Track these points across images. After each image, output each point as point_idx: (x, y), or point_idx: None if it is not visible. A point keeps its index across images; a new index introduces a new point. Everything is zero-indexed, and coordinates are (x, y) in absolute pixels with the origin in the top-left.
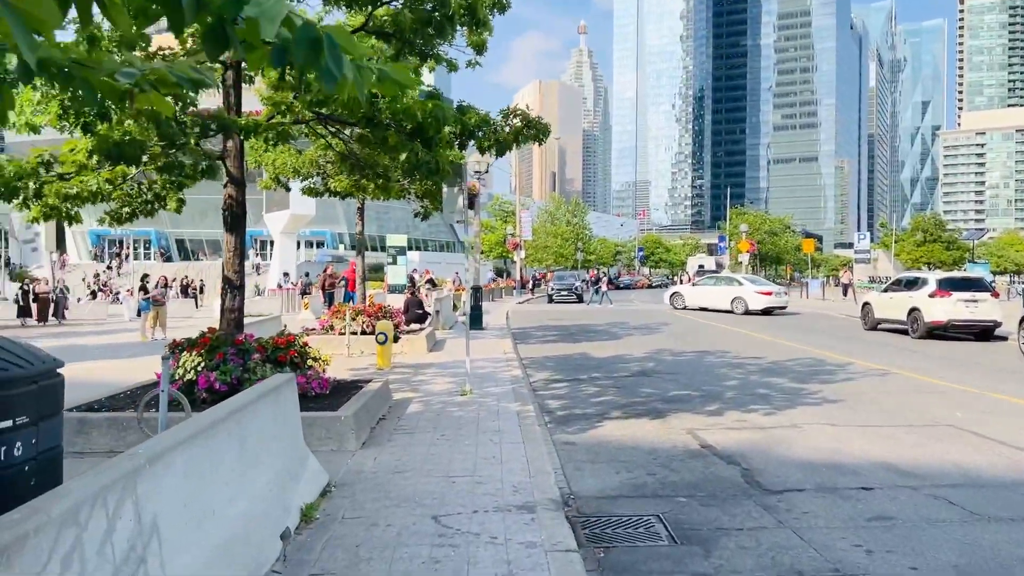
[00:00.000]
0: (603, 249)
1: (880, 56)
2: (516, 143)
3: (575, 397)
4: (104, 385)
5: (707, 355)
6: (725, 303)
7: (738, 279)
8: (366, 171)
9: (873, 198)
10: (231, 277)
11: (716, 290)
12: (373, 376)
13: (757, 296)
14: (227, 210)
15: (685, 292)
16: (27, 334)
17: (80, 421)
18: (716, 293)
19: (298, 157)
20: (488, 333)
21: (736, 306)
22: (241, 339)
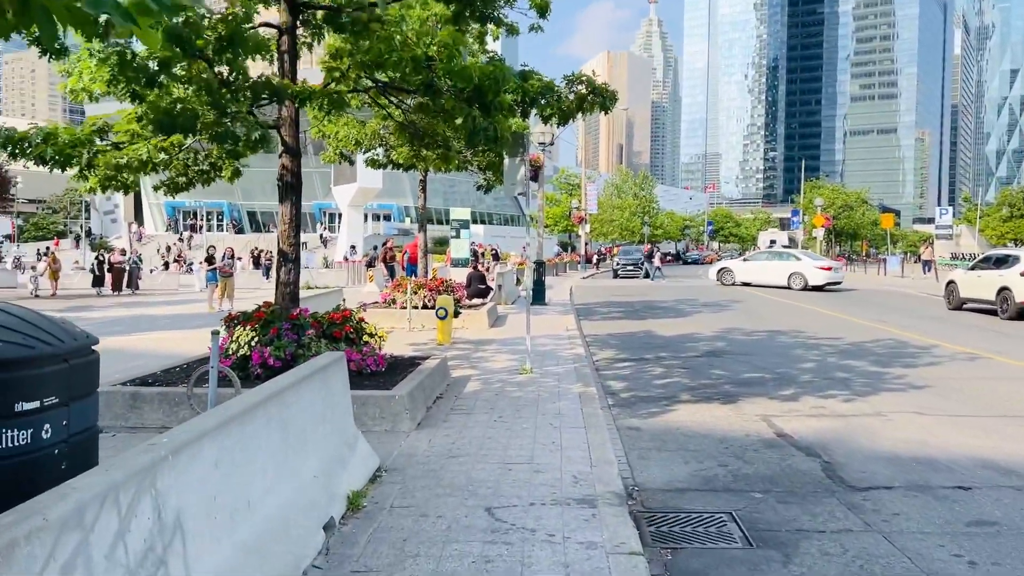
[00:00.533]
0: (671, 223)
1: (966, 22)
2: (581, 111)
3: (640, 378)
4: (166, 356)
5: (780, 335)
6: (781, 279)
7: (795, 254)
8: (425, 141)
9: (955, 171)
10: (286, 250)
11: (771, 265)
12: (432, 352)
13: (817, 271)
14: (281, 180)
15: (735, 267)
16: (101, 303)
17: (132, 396)
18: (771, 268)
19: (360, 129)
20: (550, 309)
21: (794, 282)
22: (296, 314)
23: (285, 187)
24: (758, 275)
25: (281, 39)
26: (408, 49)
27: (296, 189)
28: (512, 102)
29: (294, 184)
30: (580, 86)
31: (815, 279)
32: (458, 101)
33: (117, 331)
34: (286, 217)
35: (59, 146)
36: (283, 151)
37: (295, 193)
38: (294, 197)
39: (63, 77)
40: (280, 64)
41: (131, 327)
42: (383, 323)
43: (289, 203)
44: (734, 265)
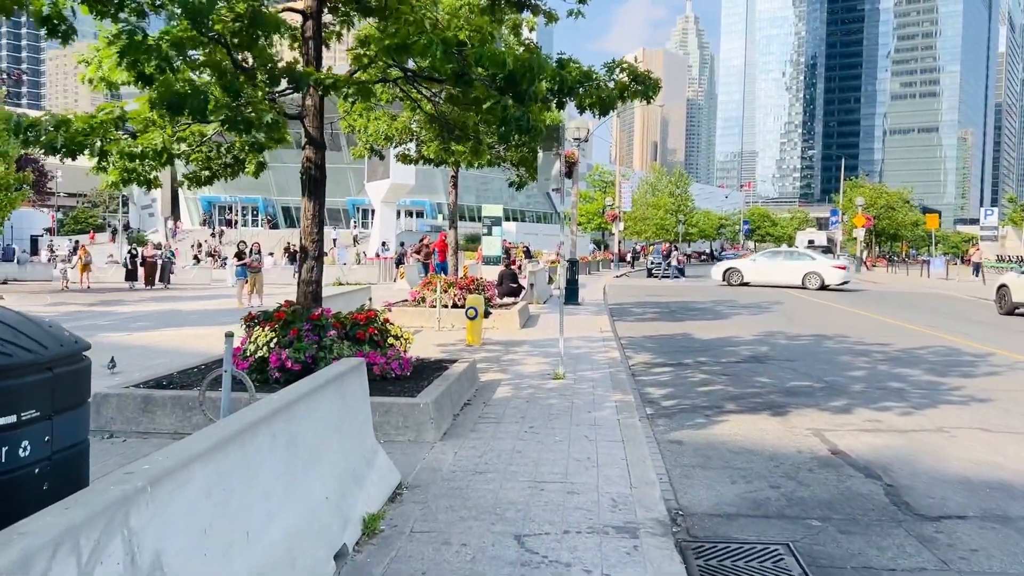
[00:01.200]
0: (706, 222)
1: (1011, 19)
2: (622, 100)
3: (680, 385)
4: (189, 354)
5: (825, 339)
6: (795, 278)
7: (808, 253)
8: (456, 133)
9: (998, 172)
10: (308, 246)
11: (784, 265)
12: (460, 354)
13: (834, 271)
14: (305, 173)
15: (744, 267)
16: (132, 297)
17: (145, 399)
18: (784, 268)
19: (391, 124)
20: (584, 309)
21: (809, 281)
22: (317, 314)
23: (309, 180)
24: (769, 275)
25: (305, 24)
26: (438, 32)
27: (320, 183)
28: (548, 91)
29: (318, 178)
30: (621, 74)
31: (832, 278)
32: (490, 89)
33: (145, 326)
34: (309, 212)
35: (71, 134)
36: (307, 143)
37: (319, 187)
38: (318, 191)
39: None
40: (304, 50)
41: (159, 322)
42: (412, 322)
43: (313, 197)
44: (742, 265)
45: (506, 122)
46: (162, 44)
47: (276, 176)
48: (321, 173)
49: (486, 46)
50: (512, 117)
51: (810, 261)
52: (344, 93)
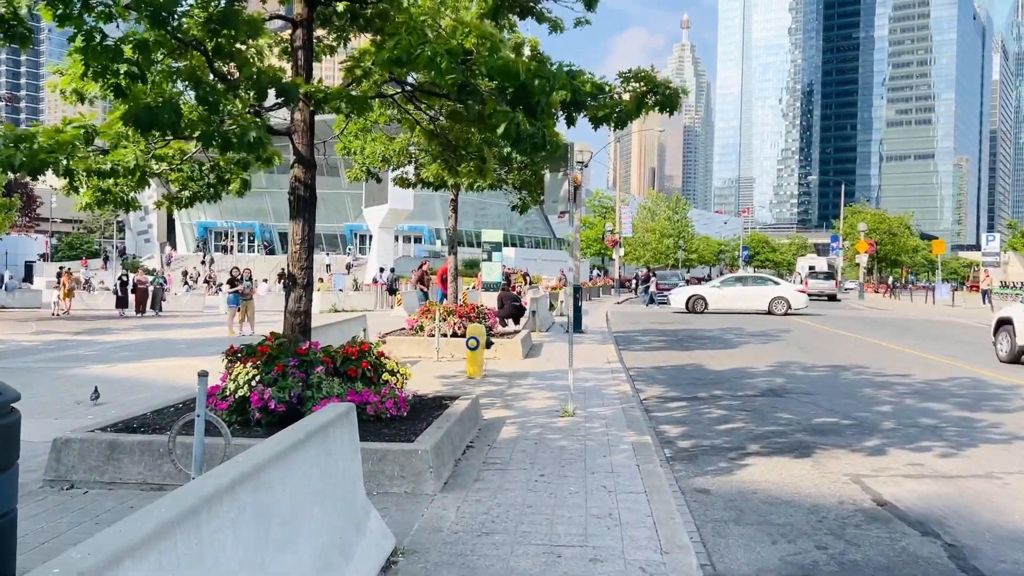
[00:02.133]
0: (705, 247)
1: (1005, 47)
2: (641, 112)
3: (697, 422)
4: (171, 388)
5: (842, 370)
6: (762, 304)
7: (772, 279)
8: (458, 152)
9: (994, 198)
10: (296, 273)
11: (750, 291)
12: (461, 387)
13: (798, 295)
14: (293, 194)
15: (709, 294)
16: (121, 325)
17: (111, 445)
18: (749, 294)
19: (388, 145)
20: (588, 337)
21: (776, 307)
22: (305, 348)
23: (298, 202)
24: (735, 301)
25: (295, 33)
26: (442, 41)
27: (310, 205)
28: (561, 103)
29: (308, 199)
30: (638, 83)
31: (797, 303)
32: (499, 102)
33: (129, 356)
34: (298, 237)
35: (33, 151)
36: (295, 161)
37: (309, 209)
38: (307, 214)
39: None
40: (293, 61)
41: (145, 352)
42: (409, 352)
43: (302, 220)
44: (707, 292)
45: (519, 139)
46: (124, 47)
47: (273, 201)
48: (311, 194)
49: (496, 55)
50: (526, 133)
51: (775, 286)
52: (337, 107)
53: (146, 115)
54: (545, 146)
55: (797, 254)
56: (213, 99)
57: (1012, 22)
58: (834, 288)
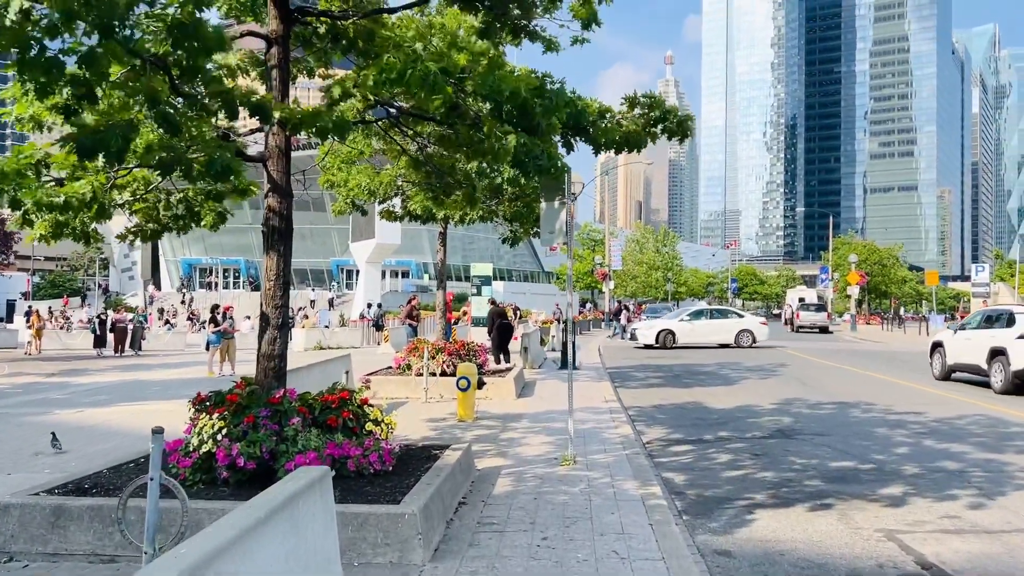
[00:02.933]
0: (694, 280)
1: (983, 81)
2: (647, 138)
3: (706, 468)
4: (140, 436)
5: (850, 408)
6: (728, 337)
7: (735, 311)
8: (444, 178)
9: (977, 229)
10: (269, 313)
11: (715, 324)
12: (452, 432)
13: (761, 327)
14: (266, 225)
15: (677, 328)
16: (98, 365)
17: (55, 511)
18: (716, 327)
19: (373, 178)
20: (582, 374)
21: (743, 339)
22: (279, 396)
23: (272, 234)
24: (703, 335)
25: (270, 52)
26: (434, 58)
27: (286, 237)
28: (563, 126)
29: (284, 231)
30: (646, 109)
31: (761, 336)
32: (497, 122)
33: (101, 401)
34: (272, 272)
35: None
36: (269, 190)
37: (285, 243)
38: (283, 247)
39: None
40: (267, 80)
41: (118, 396)
42: (395, 392)
43: (276, 255)
44: (676, 325)
45: (523, 160)
46: (67, 59)
47: (257, 237)
48: (287, 225)
49: (495, 73)
50: (532, 154)
51: (739, 319)
52: (316, 129)
53: (89, 140)
54: (551, 168)
55: (786, 286)
56: (174, 120)
57: (989, 56)
58: (826, 320)
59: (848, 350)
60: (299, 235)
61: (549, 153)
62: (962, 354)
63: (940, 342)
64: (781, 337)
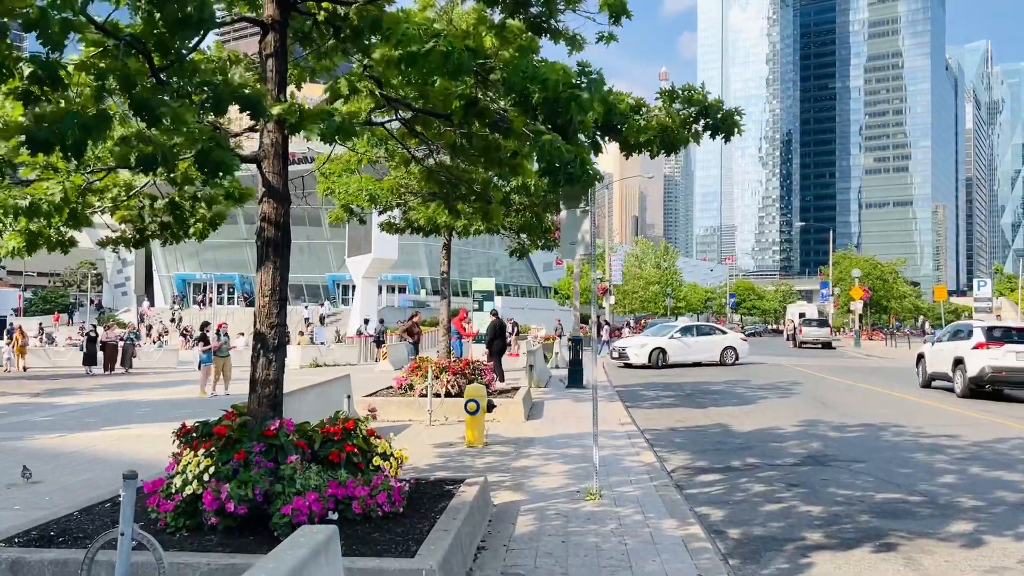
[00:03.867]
0: (693, 295)
1: (976, 97)
2: (687, 137)
3: (742, 502)
4: (125, 463)
5: (879, 430)
6: (714, 355)
7: (717, 327)
8: (458, 188)
9: (972, 243)
10: (265, 332)
11: (703, 341)
12: (462, 461)
13: (743, 344)
14: (260, 236)
15: (668, 346)
16: (85, 384)
17: (12, 567)
18: (704, 344)
19: (376, 184)
20: (591, 393)
21: (727, 357)
22: (274, 428)
23: (266, 245)
24: (692, 354)
25: (265, 40)
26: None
27: (282, 248)
28: (594, 123)
29: (280, 241)
30: (685, 103)
31: (743, 352)
32: (525, 117)
33: (85, 424)
34: (267, 287)
35: None
36: (264, 195)
37: (281, 254)
38: (279, 260)
39: None
40: (263, 72)
41: (104, 418)
42: (397, 415)
43: (272, 267)
44: (666, 343)
45: (553, 168)
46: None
47: (253, 252)
48: (283, 234)
49: (527, 58)
50: (564, 161)
51: (723, 335)
52: (316, 129)
53: (43, 131)
54: (583, 176)
55: (784, 301)
56: (153, 105)
57: (982, 72)
58: (829, 336)
59: (857, 367)
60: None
61: (582, 157)
62: (936, 364)
63: (922, 354)
64: (784, 354)
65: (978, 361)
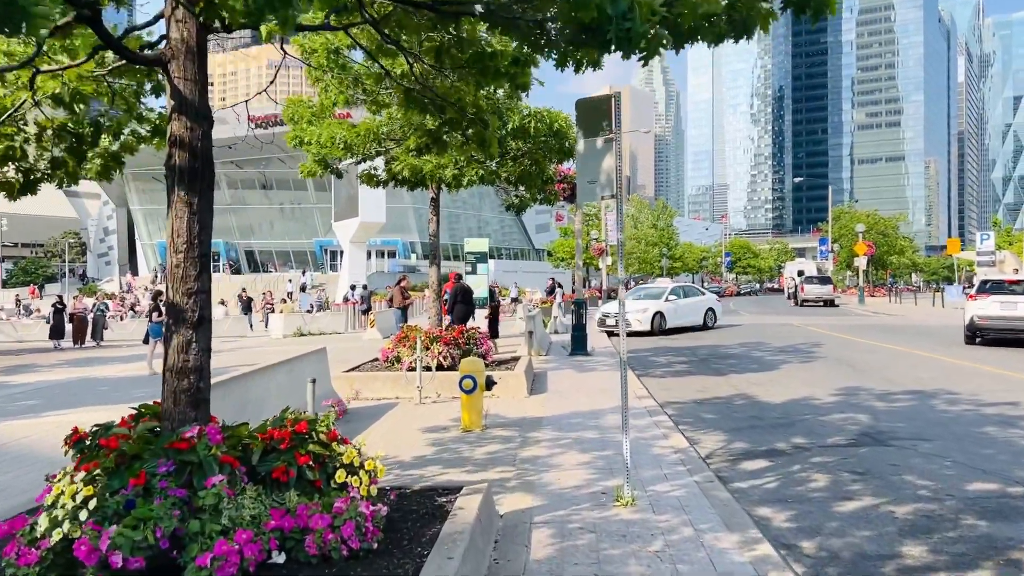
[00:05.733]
0: (689, 255)
1: (968, 50)
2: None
3: (804, 499)
4: (50, 463)
5: (929, 398)
6: (699, 318)
7: (697, 288)
8: (446, 112)
9: (964, 198)
10: (179, 303)
11: (692, 303)
12: (457, 452)
13: (718, 305)
14: (169, 163)
15: (667, 309)
16: (48, 360)
17: None
18: (693, 307)
19: (350, 129)
20: (598, 361)
21: (709, 319)
22: (189, 438)
23: (177, 180)
24: (684, 316)
25: None
26: None
27: (200, 184)
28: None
29: (196, 174)
30: None
31: (719, 313)
32: None
33: (28, 407)
34: (180, 239)
35: None
36: (173, 110)
37: (199, 191)
38: (197, 198)
39: None
40: None
41: (55, 400)
42: (382, 391)
43: (186, 210)
44: (664, 307)
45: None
46: None
47: (238, 219)
48: (203, 166)
49: None
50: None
51: (703, 296)
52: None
53: None
54: (640, 35)
55: (779, 259)
56: None
57: (974, 25)
58: (832, 293)
59: (869, 325)
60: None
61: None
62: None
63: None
64: (788, 312)
65: (968, 311)
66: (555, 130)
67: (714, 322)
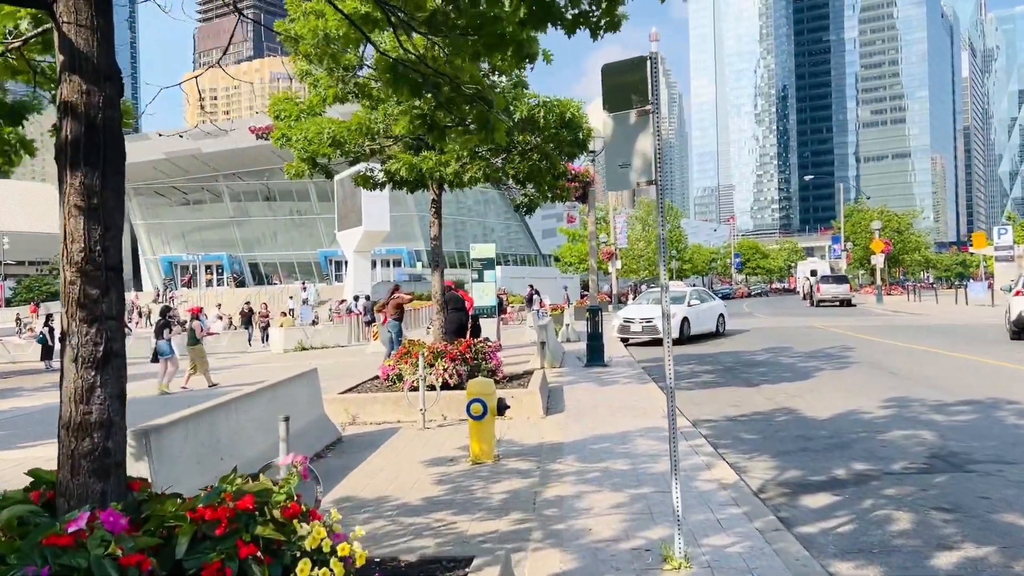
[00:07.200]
0: (698, 256)
1: (972, 45)
2: None
3: (893, 552)
4: None
5: (991, 409)
6: (712, 324)
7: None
8: (441, 89)
9: (971, 194)
10: (76, 332)
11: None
12: (466, 489)
13: (726, 309)
14: (59, 143)
15: (692, 315)
16: (35, 383)
17: None
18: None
19: (340, 124)
20: (617, 372)
21: (720, 325)
22: (75, 532)
23: (69, 158)
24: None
25: None
26: None
27: (99, 163)
28: None
29: (95, 148)
30: None
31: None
32: None
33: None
34: (76, 244)
35: None
36: (64, 67)
37: (95, 176)
38: (98, 177)
39: None
40: None
41: (22, 432)
42: (383, 415)
43: (82, 204)
44: (690, 312)
45: None
46: None
47: (241, 231)
48: (108, 142)
49: None
50: None
51: (714, 302)
52: None
53: None
54: None
55: (789, 259)
56: None
57: (977, 19)
58: (848, 292)
59: (893, 325)
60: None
61: None
62: None
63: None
64: (805, 313)
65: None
66: (567, 120)
67: (724, 328)
